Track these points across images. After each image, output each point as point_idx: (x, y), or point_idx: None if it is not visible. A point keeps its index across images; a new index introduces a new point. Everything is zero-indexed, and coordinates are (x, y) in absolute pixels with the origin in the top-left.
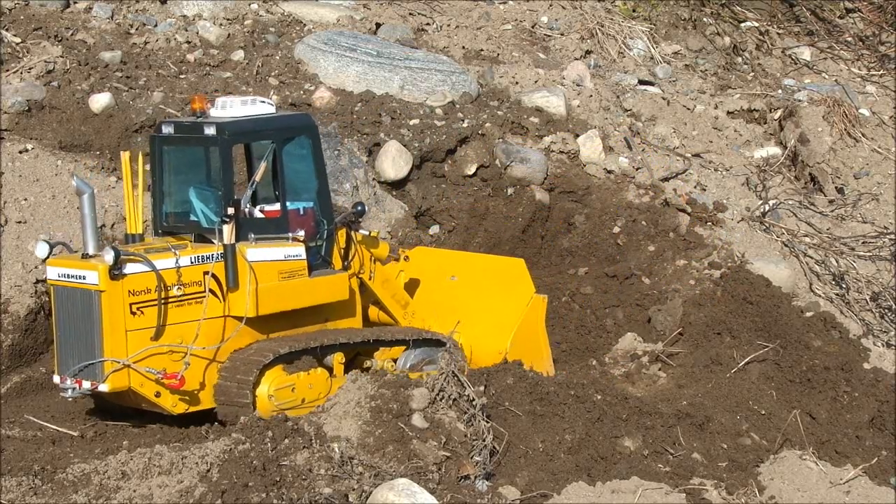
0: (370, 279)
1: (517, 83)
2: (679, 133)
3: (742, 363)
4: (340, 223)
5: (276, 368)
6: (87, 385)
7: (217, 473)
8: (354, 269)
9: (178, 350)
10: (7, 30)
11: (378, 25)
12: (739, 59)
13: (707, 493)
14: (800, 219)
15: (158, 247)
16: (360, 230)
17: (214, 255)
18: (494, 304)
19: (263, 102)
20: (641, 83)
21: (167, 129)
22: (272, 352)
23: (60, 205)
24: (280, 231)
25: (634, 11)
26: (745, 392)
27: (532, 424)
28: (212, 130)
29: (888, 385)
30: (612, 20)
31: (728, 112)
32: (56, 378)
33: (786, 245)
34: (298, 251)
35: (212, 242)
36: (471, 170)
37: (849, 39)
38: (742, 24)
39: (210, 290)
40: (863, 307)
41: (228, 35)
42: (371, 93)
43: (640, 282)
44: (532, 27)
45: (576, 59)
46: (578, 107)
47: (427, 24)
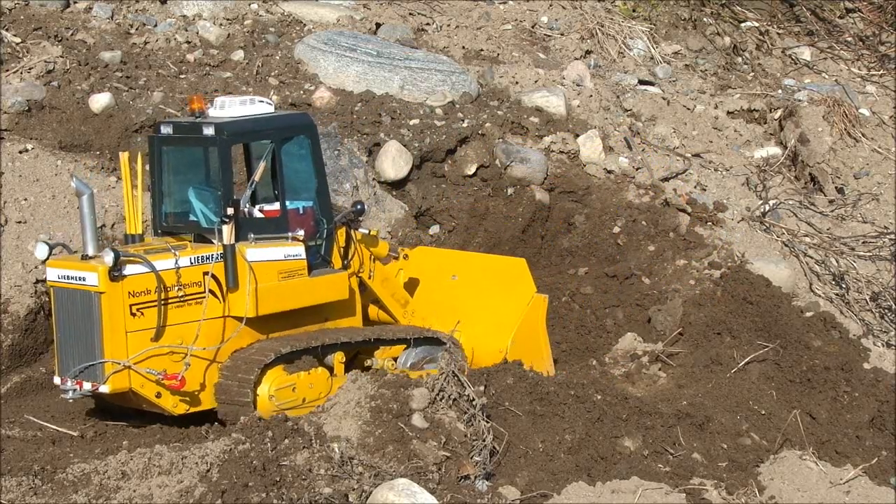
0: (370, 278)
1: (517, 83)
2: (679, 133)
3: (742, 363)
4: (340, 222)
5: (277, 368)
6: (88, 386)
7: (217, 473)
8: (354, 268)
9: (179, 351)
10: (7, 30)
11: (378, 25)
12: (739, 59)
13: (707, 493)
14: (800, 219)
15: (158, 247)
16: (360, 229)
17: (214, 256)
18: (496, 304)
19: (262, 102)
20: (641, 83)
21: (166, 130)
22: (274, 351)
23: (60, 205)
24: (280, 231)
25: (634, 11)
26: (745, 392)
27: (532, 424)
28: (211, 131)
29: (888, 385)
30: (612, 20)
31: (728, 112)
32: (57, 379)
33: (786, 245)
34: (298, 251)
35: (211, 243)
36: (471, 170)
37: (849, 39)
38: (742, 24)
39: (210, 291)
40: (863, 307)
41: (228, 35)
42: (371, 93)
43: (640, 282)
44: (532, 27)
45: (576, 59)
46: (578, 107)
47: (427, 24)
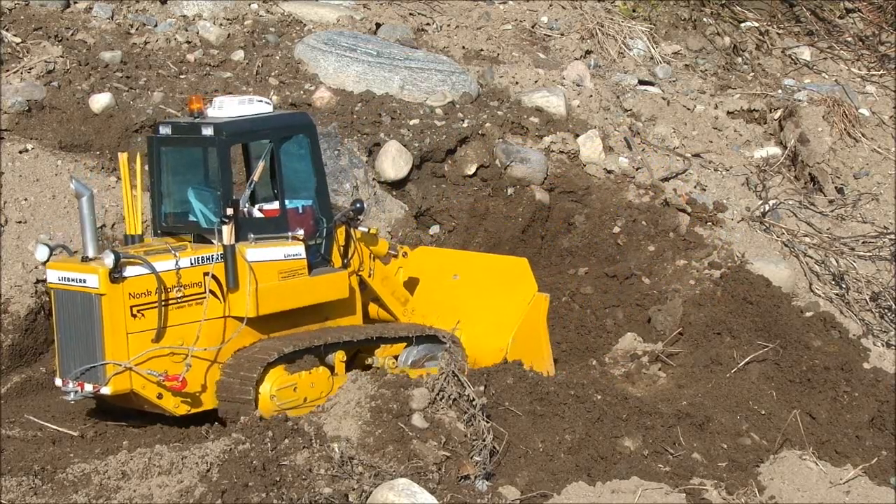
0: (370, 276)
1: (517, 83)
2: (679, 133)
3: (742, 363)
4: (340, 221)
5: (278, 368)
6: (90, 388)
7: (217, 473)
8: (354, 267)
9: (180, 352)
10: (7, 30)
11: (378, 25)
12: (739, 59)
13: (707, 493)
14: (800, 219)
15: (158, 248)
16: (360, 227)
17: (214, 256)
18: (497, 303)
19: (261, 102)
20: (641, 83)
21: (165, 130)
22: (276, 350)
23: (60, 205)
24: (279, 230)
25: (634, 11)
26: (745, 392)
27: (532, 424)
28: (209, 131)
29: (888, 385)
30: (612, 20)
31: (728, 112)
32: (58, 381)
33: (786, 245)
34: (298, 250)
35: (211, 243)
36: (471, 170)
37: (849, 39)
38: (742, 24)
39: (210, 291)
40: (863, 307)
41: (228, 35)
42: (371, 93)
43: (640, 282)
44: (532, 27)
45: (576, 59)
46: (578, 107)
47: (427, 24)
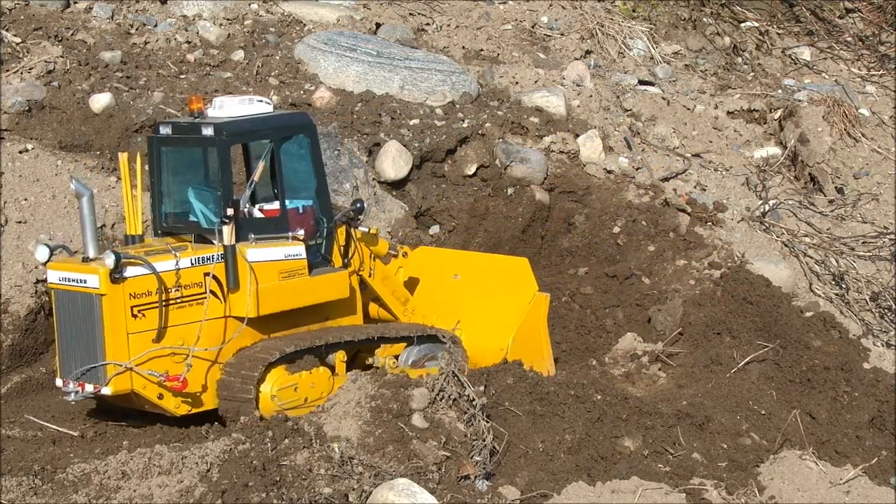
0: (370, 276)
1: (517, 83)
2: (679, 133)
3: (742, 363)
4: (340, 221)
5: (279, 368)
6: (90, 388)
7: (217, 473)
8: (354, 267)
9: (180, 352)
10: (7, 30)
11: (378, 25)
12: (739, 59)
13: (707, 493)
14: (800, 219)
15: (158, 248)
16: (360, 227)
17: (215, 257)
18: (497, 303)
19: (261, 101)
20: (641, 83)
21: (165, 130)
22: (278, 350)
23: (60, 205)
24: (280, 230)
25: (634, 11)
26: (745, 392)
27: (532, 424)
28: (210, 131)
29: (888, 385)
30: (612, 20)
31: (728, 112)
32: (59, 381)
33: (786, 245)
34: (298, 250)
35: (212, 243)
36: (471, 170)
37: (849, 39)
38: (742, 24)
39: (211, 291)
40: (863, 307)
41: (228, 35)
42: (371, 93)
43: (640, 282)
44: (532, 27)
45: (576, 59)
46: (578, 107)
47: (427, 24)
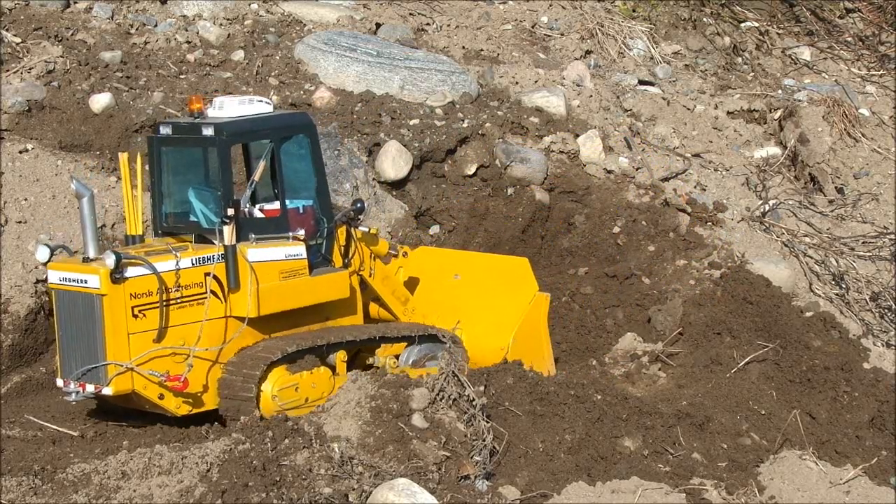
0: (370, 276)
1: (517, 83)
2: (679, 133)
3: (742, 363)
4: (340, 221)
5: (280, 368)
6: (91, 388)
7: (217, 473)
8: (355, 267)
9: (181, 352)
10: (7, 30)
11: (378, 25)
12: (739, 59)
13: (707, 493)
14: (800, 219)
15: (159, 249)
16: (360, 227)
17: (215, 257)
18: (498, 303)
19: (261, 102)
20: (641, 83)
21: (165, 130)
22: (280, 349)
23: (60, 205)
24: (280, 230)
25: (634, 11)
26: (745, 392)
27: (532, 424)
28: (210, 131)
29: (888, 385)
30: (612, 20)
31: (728, 112)
32: (59, 382)
33: (786, 245)
34: (299, 250)
35: (212, 243)
36: (471, 170)
37: (849, 39)
38: (742, 24)
39: (211, 291)
40: (863, 307)
41: (228, 35)
42: (371, 93)
43: (640, 282)
44: (532, 27)
45: (576, 59)
46: (578, 107)
47: (427, 24)
